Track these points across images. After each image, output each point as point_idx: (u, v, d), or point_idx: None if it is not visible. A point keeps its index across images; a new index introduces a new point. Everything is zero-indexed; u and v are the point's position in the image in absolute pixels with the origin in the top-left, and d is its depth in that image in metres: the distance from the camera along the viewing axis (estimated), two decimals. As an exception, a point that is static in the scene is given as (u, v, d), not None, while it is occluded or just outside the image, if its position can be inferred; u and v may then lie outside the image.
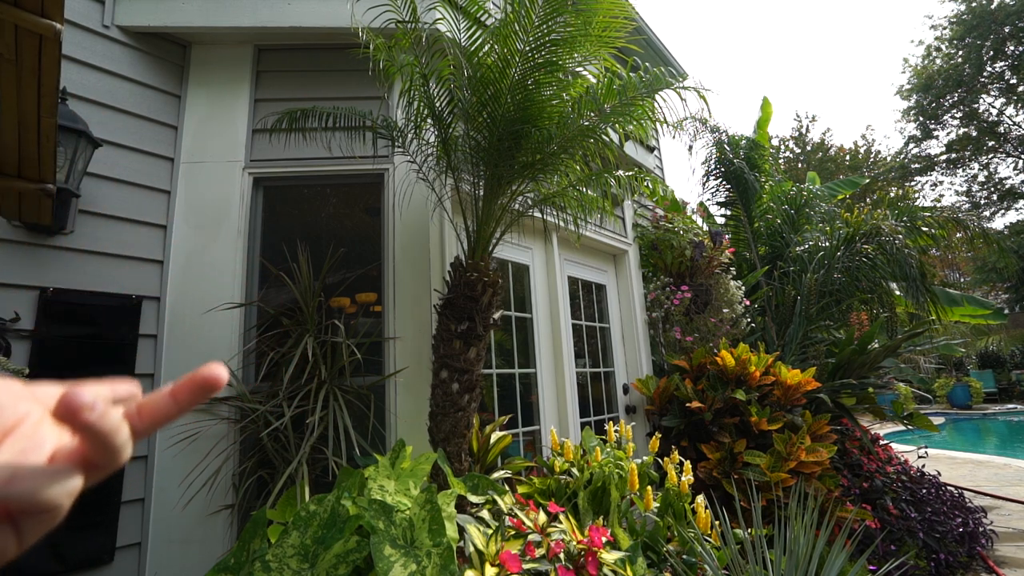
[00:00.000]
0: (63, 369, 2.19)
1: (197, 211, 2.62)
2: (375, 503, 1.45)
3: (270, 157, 2.72)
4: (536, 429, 3.26)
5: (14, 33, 1.24)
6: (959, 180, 20.56)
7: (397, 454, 1.78)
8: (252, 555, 1.49)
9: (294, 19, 2.71)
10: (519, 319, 3.35)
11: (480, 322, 2.18)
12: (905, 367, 6.69)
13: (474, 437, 2.34)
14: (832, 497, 3.00)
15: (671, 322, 4.31)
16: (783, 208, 5.88)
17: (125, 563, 2.20)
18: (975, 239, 4.92)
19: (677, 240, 4.35)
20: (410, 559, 1.36)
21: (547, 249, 3.62)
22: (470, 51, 2.11)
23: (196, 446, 2.27)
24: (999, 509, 4.47)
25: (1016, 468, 6.04)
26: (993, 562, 3.32)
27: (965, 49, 17.91)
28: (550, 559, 1.62)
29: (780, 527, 1.95)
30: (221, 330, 2.47)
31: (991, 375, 14.50)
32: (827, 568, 1.88)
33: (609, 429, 2.70)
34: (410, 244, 2.66)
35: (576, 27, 1.89)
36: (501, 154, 2.16)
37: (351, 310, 2.64)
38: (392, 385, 2.48)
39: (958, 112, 19.05)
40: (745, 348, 3.51)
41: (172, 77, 2.74)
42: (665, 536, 2.10)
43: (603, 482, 2.27)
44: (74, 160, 2.14)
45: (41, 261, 2.21)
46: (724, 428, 3.33)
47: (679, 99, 2.13)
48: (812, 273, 4.83)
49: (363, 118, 2.45)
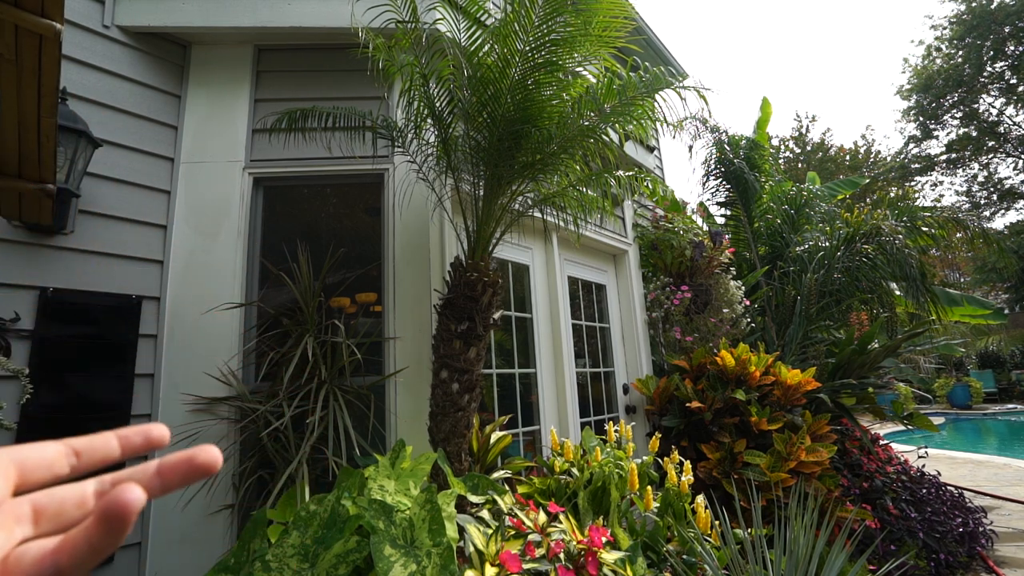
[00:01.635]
0: (63, 369, 2.19)
1: (197, 211, 2.62)
2: (375, 503, 1.45)
3: (270, 157, 2.72)
4: (536, 429, 3.26)
5: (14, 33, 1.24)
6: (959, 180, 20.57)
7: (397, 454, 1.78)
8: (252, 555, 1.49)
9: (294, 19, 2.71)
10: (519, 319, 3.35)
11: (480, 322, 2.18)
12: (905, 367, 6.70)
13: (474, 437, 2.34)
14: (832, 497, 3.00)
15: (671, 322, 4.31)
16: (783, 208, 5.88)
17: (125, 563, 2.20)
18: (975, 239, 4.92)
19: (677, 240, 4.35)
20: (410, 559, 1.36)
21: (547, 249, 3.62)
22: (470, 51, 2.11)
23: (196, 446, 2.27)
24: (999, 509, 4.47)
25: (1016, 468, 6.04)
26: (993, 562, 3.32)
27: (965, 49, 17.90)
28: (550, 559, 1.62)
29: (780, 527, 1.95)
30: (221, 330, 2.47)
31: (991, 375, 14.50)
32: (827, 568, 1.88)
33: (609, 429, 2.70)
34: (410, 244, 2.66)
35: (576, 27, 1.89)
36: (501, 154, 2.16)
37: (351, 310, 2.64)
38: (392, 385, 2.48)
39: (958, 112, 19.05)
40: (745, 348, 3.51)
41: (172, 77, 2.74)
42: (665, 536, 2.10)
43: (603, 482, 2.27)
44: (74, 160, 2.14)
45: (41, 261, 2.21)
46: (724, 428, 3.33)
47: (679, 99, 2.13)
48: (812, 273, 4.83)
49: (363, 118, 2.45)
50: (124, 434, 0.29)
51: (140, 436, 0.29)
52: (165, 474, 0.27)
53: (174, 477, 0.27)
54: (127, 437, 0.29)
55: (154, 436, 0.29)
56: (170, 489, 0.27)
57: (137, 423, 2.37)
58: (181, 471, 0.27)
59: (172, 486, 0.27)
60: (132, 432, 0.29)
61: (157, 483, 0.27)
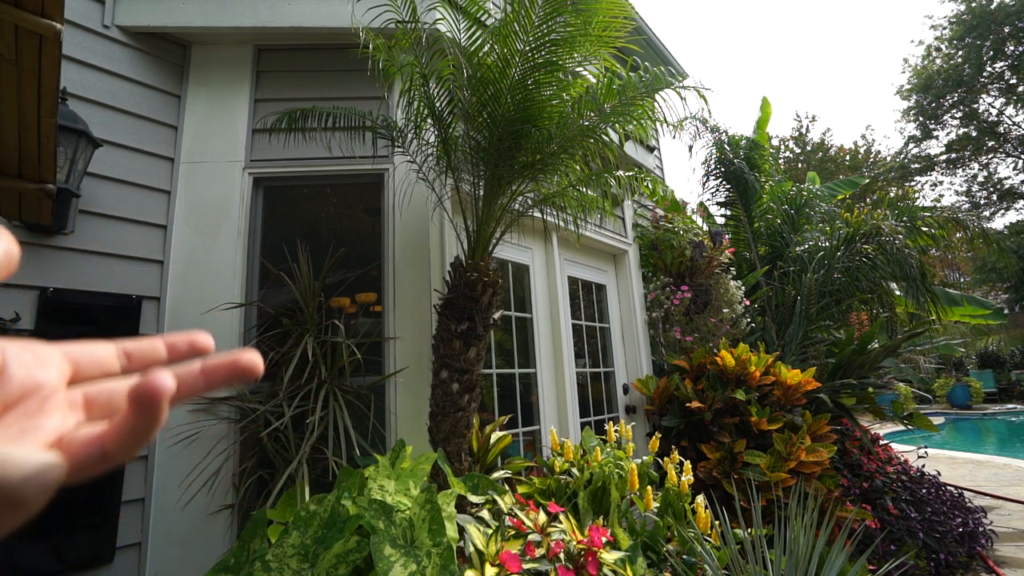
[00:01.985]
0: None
1: (197, 211, 2.62)
2: (375, 503, 1.45)
3: (270, 157, 2.72)
4: (536, 429, 3.26)
5: (14, 33, 1.24)
6: (959, 180, 20.58)
7: (397, 454, 1.78)
8: (252, 555, 1.49)
9: (294, 19, 2.71)
10: (519, 319, 3.35)
11: (480, 322, 2.18)
12: (905, 367, 6.70)
13: (474, 437, 2.34)
14: (832, 497, 3.00)
15: (671, 322, 4.31)
16: (783, 208, 5.88)
17: (125, 563, 2.20)
18: (975, 239, 4.92)
19: (677, 240, 4.35)
20: (410, 559, 1.36)
21: (547, 249, 3.62)
22: (470, 51, 2.11)
23: (196, 446, 2.27)
24: (999, 509, 4.47)
25: (1016, 468, 6.04)
26: (993, 562, 3.32)
27: (965, 49, 17.91)
28: (550, 559, 1.62)
29: (780, 527, 1.95)
30: (221, 330, 2.47)
31: (991, 375, 14.50)
32: (827, 568, 1.88)
33: (609, 429, 2.70)
34: (410, 244, 2.66)
35: (576, 27, 1.89)
36: (501, 154, 2.16)
37: (351, 310, 2.64)
38: (392, 385, 2.48)
39: (958, 112, 19.05)
40: (745, 348, 3.51)
41: (172, 77, 2.74)
42: (665, 536, 2.10)
43: (603, 482, 2.27)
44: (74, 160, 2.14)
45: (41, 261, 2.21)
46: (724, 428, 3.33)
47: (679, 99, 2.13)
48: (812, 273, 4.83)
49: (363, 118, 2.45)
50: (171, 340, 0.31)
51: (185, 342, 0.31)
52: (209, 372, 0.28)
53: (217, 375, 0.28)
54: (174, 343, 0.31)
55: (199, 343, 0.31)
56: (213, 387, 0.29)
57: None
58: (224, 371, 0.28)
59: (215, 384, 0.28)
60: (178, 338, 0.31)
61: (201, 380, 0.28)
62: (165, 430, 2.33)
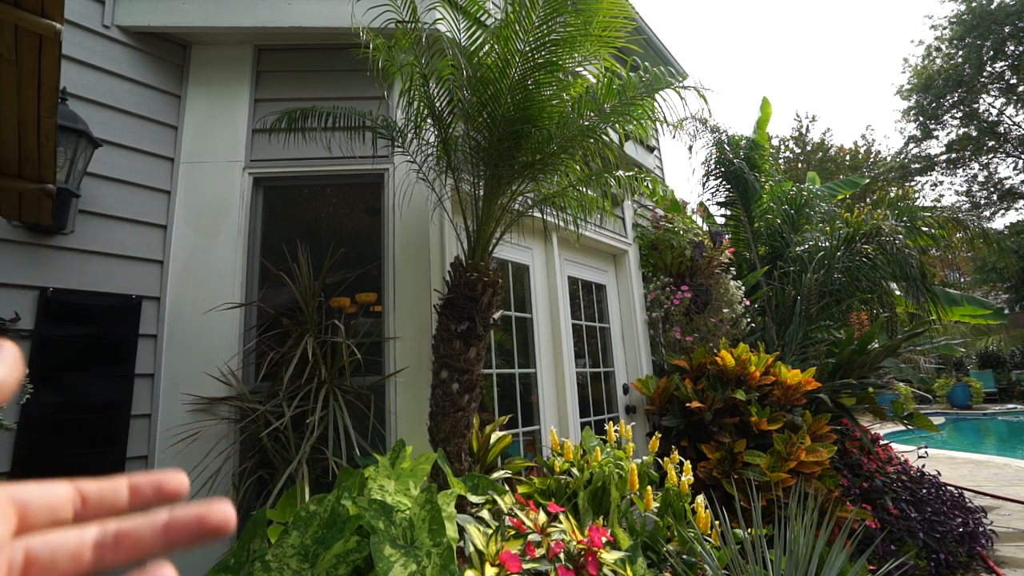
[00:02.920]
0: (63, 369, 2.19)
1: (197, 211, 2.62)
2: (375, 503, 1.45)
3: (270, 157, 2.72)
4: (536, 429, 3.26)
5: (14, 33, 1.24)
6: (959, 180, 20.57)
7: (397, 454, 1.78)
8: (252, 555, 1.49)
9: (294, 19, 2.71)
10: (519, 319, 3.35)
11: (480, 322, 2.18)
12: (905, 367, 6.70)
13: (474, 437, 2.34)
14: (832, 497, 3.00)
15: (671, 322, 4.31)
16: (783, 208, 5.88)
17: (125, 563, 2.20)
18: (975, 239, 4.92)
19: (677, 240, 4.35)
20: (410, 559, 1.36)
21: (547, 249, 3.62)
22: (470, 51, 2.11)
23: (196, 446, 2.27)
24: (999, 509, 4.47)
25: (1016, 468, 6.04)
26: (993, 562, 3.32)
27: (965, 49, 17.90)
28: (550, 559, 1.62)
29: (780, 527, 1.95)
30: (221, 330, 2.47)
31: (991, 375, 14.50)
32: (827, 568, 1.88)
33: (609, 429, 2.70)
34: (410, 244, 2.66)
35: (576, 27, 1.89)
36: (501, 154, 2.16)
37: (351, 310, 2.64)
38: (392, 385, 2.48)
39: (958, 112, 19.04)
40: (745, 348, 3.51)
41: (172, 77, 2.74)
42: (665, 536, 2.10)
43: (603, 482, 2.27)
44: (74, 160, 2.14)
45: (41, 261, 2.21)
46: (724, 428, 3.33)
47: (679, 99, 2.13)
48: (812, 273, 4.83)
49: (363, 118, 2.45)
50: (136, 483, 0.27)
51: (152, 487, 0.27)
52: (172, 532, 0.25)
53: (181, 537, 0.25)
54: (138, 487, 0.27)
55: (168, 489, 0.27)
56: (174, 548, 0.25)
57: (137, 423, 2.37)
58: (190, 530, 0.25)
59: (177, 545, 0.25)
60: (145, 482, 0.27)
61: (161, 541, 0.25)
62: (165, 430, 2.34)
